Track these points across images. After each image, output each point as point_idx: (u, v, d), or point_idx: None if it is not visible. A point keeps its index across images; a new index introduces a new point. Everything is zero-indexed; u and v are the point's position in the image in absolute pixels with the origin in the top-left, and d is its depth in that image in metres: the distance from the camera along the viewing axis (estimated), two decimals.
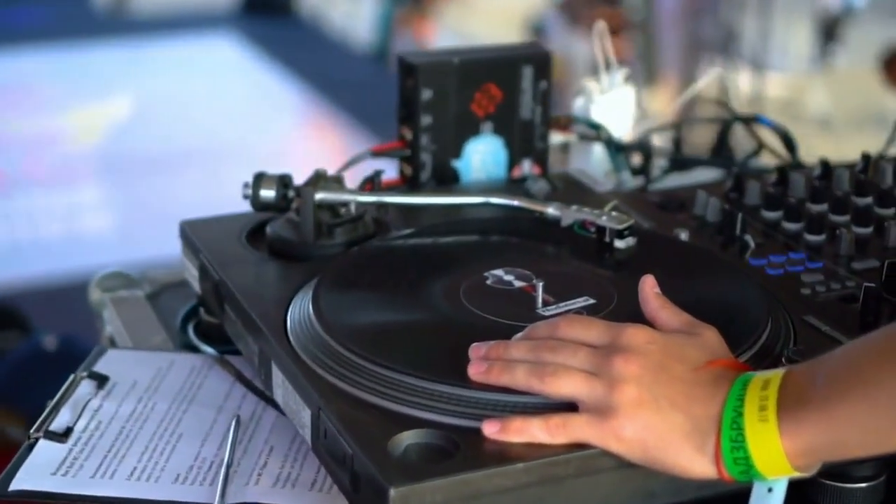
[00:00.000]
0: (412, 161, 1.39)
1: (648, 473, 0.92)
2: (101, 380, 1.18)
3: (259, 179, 1.24)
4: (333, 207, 1.23)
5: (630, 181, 1.49)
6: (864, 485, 0.99)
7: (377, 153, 1.39)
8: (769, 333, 1.03)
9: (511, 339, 0.99)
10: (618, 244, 1.18)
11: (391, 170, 1.42)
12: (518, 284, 1.12)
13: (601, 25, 1.51)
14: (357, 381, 0.98)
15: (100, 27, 9.44)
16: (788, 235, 1.26)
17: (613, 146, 1.47)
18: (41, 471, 1.05)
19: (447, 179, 1.39)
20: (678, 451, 0.90)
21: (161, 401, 1.16)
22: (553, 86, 1.41)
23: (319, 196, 1.21)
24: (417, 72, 1.36)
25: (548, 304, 1.08)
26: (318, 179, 1.23)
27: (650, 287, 1.00)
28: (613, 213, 1.19)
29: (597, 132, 1.48)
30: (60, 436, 1.09)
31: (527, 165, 1.42)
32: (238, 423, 1.12)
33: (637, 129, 1.56)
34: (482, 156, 1.40)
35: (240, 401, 1.17)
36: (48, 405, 1.13)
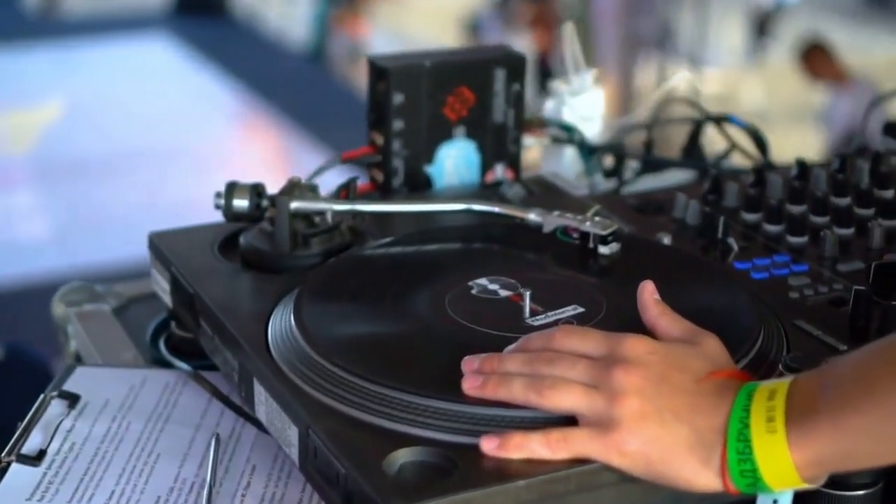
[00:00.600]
0: (384, 167, 1.36)
1: (650, 488, 0.90)
2: (73, 399, 1.14)
3: (231, 189, 1.20)
4: (308, 217, 1.20)
5: (602, 183, 1.47)
6: (862, 492, 0.97)
7: (348, 160, 1.36)
8: (763, 340, 1.01)
9: (504, 351, 0.96)
10: (602, 250, 1.16)
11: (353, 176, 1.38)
12: (504, 294, 1.09)
13: (569, 28, 1.49)
14: (347, 399, 0.95)
15: (30, 29, 9.32)
16: (769, 237, 1.25)
17: (586, 148, 1.45)
18: (15, 496, 1.01)
19: (420, 185, 1.37)
20: (683, 465, 0.88)
21: (136, 420, 1.13)
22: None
23: (295, 205, 1.18)
24: (389, 75, 1.33)
25: (536, 314, 1.05)
26: (293, 188, 1.19)
27: (650, 294, 0.98)
28: (597, 219, 1.17)
29: (570, 134, 1.45)
30: (33, 459, 1.05)
31: (500, 170, 1.40)
32: (218, 442, 1.08)
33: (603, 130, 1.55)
34: (455, 160, 1.37)
35: (218, 418, 1.14)
36: (19, 426, 1.09)
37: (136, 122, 7.66)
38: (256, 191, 1.20)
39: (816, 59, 6.31)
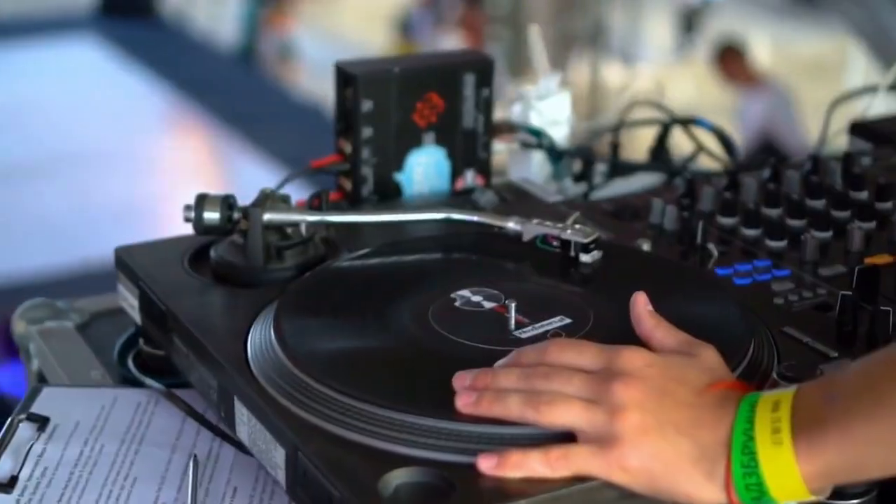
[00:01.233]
0: (352, 175, 1.33)
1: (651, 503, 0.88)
2: (42, 421, 1.10)
3: (202, 201, 1.16)
4: (281, 229, 1.17)
5: (571, 188, 1.45)
6: (856, 501, 0.96)
7: (316, 169, 1.33)
8: (754, 349, 1.00)
9: (495, 366, 0.94)
10: (584, 258, 1.14)
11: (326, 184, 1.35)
12: (488, 305, 1.07)
13: (535, 30, 1.47)
14: (337, 418, 0.92)
15: None
16: (747, 241, 1.24)
17: (555, 153, 1.43)
18: None
19: (389, 193, 1.34)
20: (686, 479, 0.86)
21: (109, 442, 1.09)
22: None
23: (268, 217, 1.15)
24: (357, 82, 1.30)
25: (522, 326, 1.03)
26: (265, 199, 1.16)
27: (643, 305, 0.96)
28: (577, 227, 1.15)
29: (539, 139, 1.43)
30: (5, 486, 1.01)
31: (470, 176, 1.37)
32: (196, 464, 1.05)
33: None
34: (425, 168, 1.35)
35: (194, 438, 1.10)
36: None
37: (63, 126, 7.54)
38: (227, 203, 1.17)
39: (730, 61, 6.42)
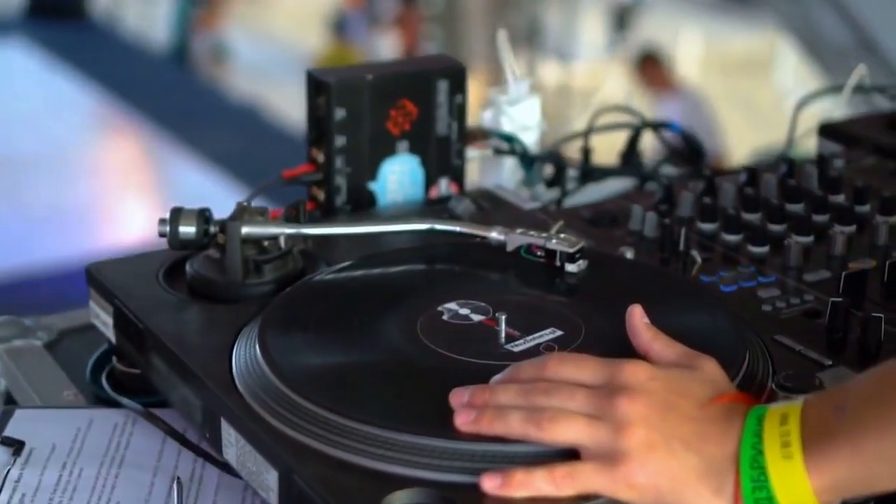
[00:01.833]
0: (326, 185, 1.30)
1: None
2: (17, 445, 1.07)
3: (177, 215, 1.13)
4: (258, 242, 1.14)
5: (545, 194, 1.44)
6: None
7: (289, 179, 1.30)
8: (749, 359, 0.99)
9: (491, 382, 0.92)
10: (569, 268, 1.12)
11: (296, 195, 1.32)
12: (476, 318, 1.05)
13: (502, 35, 1.45)
14: (332, 440, 0.90)
15: None
16: (728, 247, 1.23)
17: (528, 158, 1.42)
18: None
19: (363, 203, 1.31)
20: (694, 495, 0.85)
21: (87, 465, 1.05)
22: None
23: (246, 230, 1.12)
24: (330, 90, 1.27)
25: (513, 339, 1.01)
26: (243, 212, 1.13)
27: (639, 317, 0.94)
28: (562, 236, 1.13)
29: (511, 144, 1.41)
30: None
31: (444, 184, 1.35)
32: (180, 486, 1.02)
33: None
34: (399, 176, 1.32)
35: (175, 458, 1.07)
36: None
37: None
38: (203, 216, 1.14)
39: (649, 68, 6.58)
